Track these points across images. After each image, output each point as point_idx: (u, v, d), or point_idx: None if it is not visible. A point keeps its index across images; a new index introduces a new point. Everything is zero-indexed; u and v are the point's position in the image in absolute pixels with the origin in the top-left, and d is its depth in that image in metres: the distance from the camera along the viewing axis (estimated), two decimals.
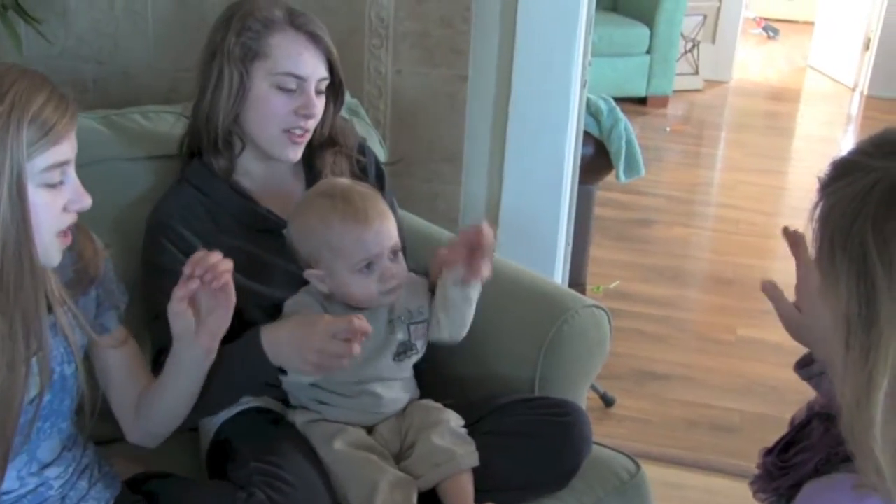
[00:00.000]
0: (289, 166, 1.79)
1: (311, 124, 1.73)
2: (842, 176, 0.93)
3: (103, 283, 1.45)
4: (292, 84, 1.68)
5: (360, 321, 1.43)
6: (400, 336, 1.64)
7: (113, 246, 1.54)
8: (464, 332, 1.69)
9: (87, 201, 1.28)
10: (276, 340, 1.49)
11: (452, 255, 1.63)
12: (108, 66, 2.37)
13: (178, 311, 1.38)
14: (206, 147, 1.73)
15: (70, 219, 1.28)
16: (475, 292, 1.66)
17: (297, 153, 1.74)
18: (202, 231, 1.69)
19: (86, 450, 1.47)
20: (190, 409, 1.50)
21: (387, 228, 1.59)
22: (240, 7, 1.71)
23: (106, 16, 2.34)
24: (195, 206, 1.71)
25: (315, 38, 1.70)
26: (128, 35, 2.34)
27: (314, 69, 1.70)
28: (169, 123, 1.95)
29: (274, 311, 1.63)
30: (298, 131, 1.71)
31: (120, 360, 1.48)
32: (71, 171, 1.27)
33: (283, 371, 1.53)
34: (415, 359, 1.68)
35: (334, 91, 1.79)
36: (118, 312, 1.47)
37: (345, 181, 1.70)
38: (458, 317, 1.67)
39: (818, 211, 0.94)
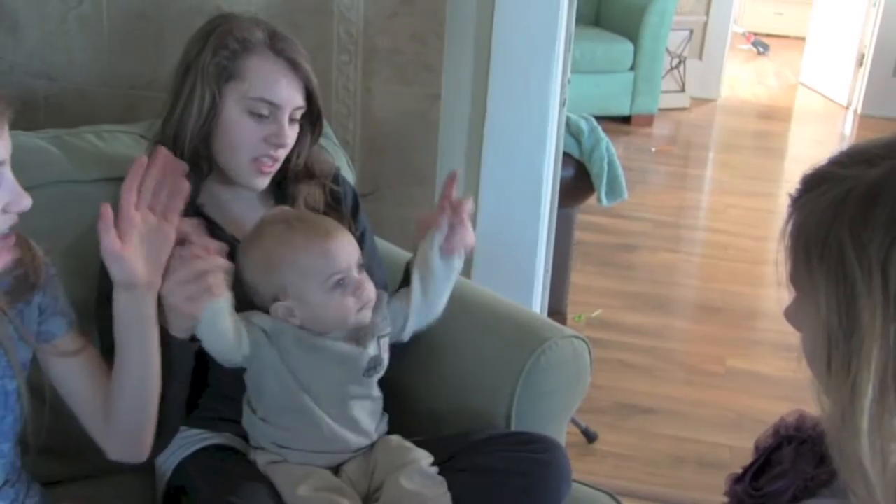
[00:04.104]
0: (257, 193, 1.79)
1: (282, 154, 1.73)
2: (814, 187, 0.95)
3: (46, 289, 1.44)
4: (265, 110, 1.68)
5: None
6: (371, 351, 1.64)
7: (66, 272, 1.53)
8: (434, 313, 1.72)
9: (25, 202, 1.27)
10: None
11: (436, 219, 1.68)
12: (60, 83, 2.37)
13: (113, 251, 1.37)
14: None
15: (9, 220, 1.28)
16: (459, 263, 1.70)
17: (264, 182, 1.74)
18: None
19: (30, 489, 1.46)
20: (155, 387, 1.46)
21: (350, 241, 1.61)
22: (220, 23, 1.71)
23: (58, 29, 2.34)
24: None
25: (294, 65, 1.70)
26: (82, 50, 2.34)
27: (290, 97, 1.70)
28: (125, 144, 1.95)
29: None
30: (268, 160, 1.71)
31: (79, 368, 1.46)
32: (6, 171, 1.26)
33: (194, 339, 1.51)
34: (381, 373, 1.68)
35: (312, 121, 1.79)
36: (67, 319, 1.46)
37: (288, 208, 1.72)
38: (433, 288, 1.69)
39: (790, 226, 0.97)
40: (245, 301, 1.62)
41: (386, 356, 1.67)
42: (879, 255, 0.88)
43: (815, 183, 0.96)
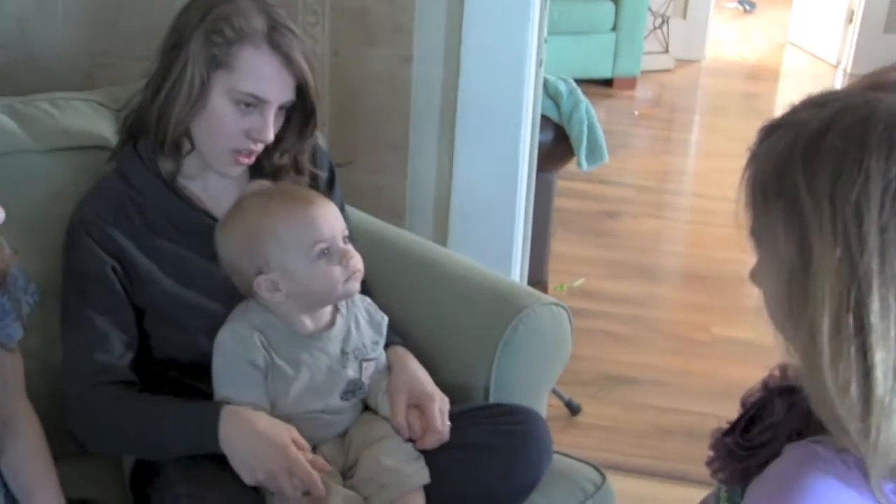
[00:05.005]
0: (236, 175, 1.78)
1: (261, 146, 1.71)
2: (769, 136, 1.00)
3: (10, 291, 1.45)
4: (251, 102, 1.65)
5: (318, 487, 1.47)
6: (350, 373, 1.63)
7: (24, 247, 1.53)
8: None
9: None
10: (232, 441, 1.50)
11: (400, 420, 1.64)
12: (11, 52, 2.33)
13: None
14: (152, 145, 1.70)
15: None
16: None
17: (237, 171, 1.73)
18: (134, 233, 1.69)
19: None
20: None
21: (334, 211, 1.61)
22: (220, 1, 1.66)
23: None
24: (126, 203, 1.70)
25: (289, 61, 1.66)
26: (34, 16, 2.31)
27: (279, 94, 1.66)
28: (82, 112, 1.93)
29: (210, 322, 1.63)
30: (245, 152, 1.69)
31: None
32: None
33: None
34: (361, 397, 1.68)
35: (304, 117, 1.76)
36: (22, 322, 1.47)
37: (266, 182, 1.71)
38: None
39: (747, 177, 1.01)
40: (228, 285, 1.63)
41: (367, 381, 1.67)
42: (827, 185, 0.92)
43: (770, 132, 1.00)
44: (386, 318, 1.72)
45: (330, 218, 1.59)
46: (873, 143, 0.90)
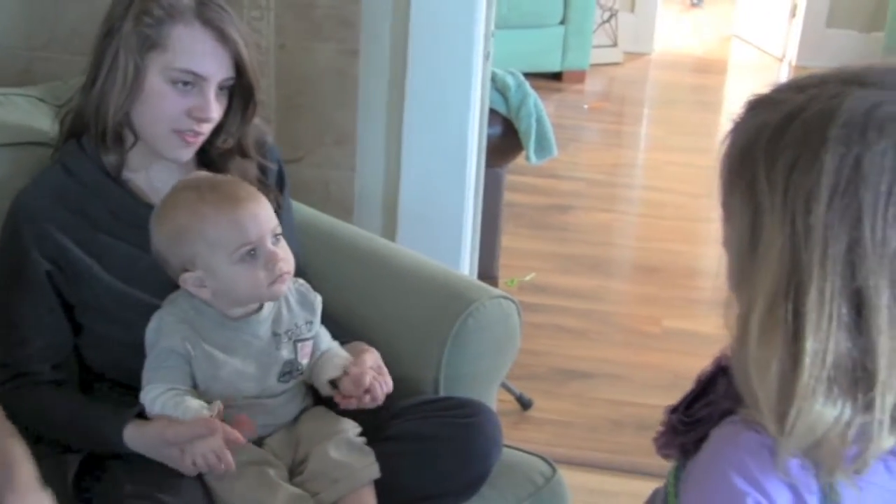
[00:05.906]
0: (181, 166, 1.76)
1: (206, 128, 1.70)
2: (749, 111, 1.03)
3: None
4: (189, 80, 1.64)
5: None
6: (285, 354, 1.64)
7: None
8: None
9: None
10: (139, 445, 1.54)
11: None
12: None
13: None
14: (94, 139, 1.70)
15: None
16: None
17: (187, 154, 1.72)
18: (73, 227, 1.67)
19: None
20: None
21: (263, 210, 1.59)
22: None
23: None
24: (67, 196, 1.69)
25: (223, 36, 1.66)
26: None
27: (217, 70, 1.66)
28: (21, 108, 1.92)
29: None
30: (190, 133, 1.68)
31: None
32: None
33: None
34: (298, 377, 1.67)
35: (244, 98, 1.75)
36: None
37: (205, 173, 1.70)
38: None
39: (724, 146, 1.04)
40: (159, 271, 1.62)
41: (305, 360, 1.67)
42: (784, 172, 0.95)
43: (751, 107, 1.03)
44: (319, 297, 1.72)
45: (258, 219, 1.58)
46: (831, 139, 0.93)
